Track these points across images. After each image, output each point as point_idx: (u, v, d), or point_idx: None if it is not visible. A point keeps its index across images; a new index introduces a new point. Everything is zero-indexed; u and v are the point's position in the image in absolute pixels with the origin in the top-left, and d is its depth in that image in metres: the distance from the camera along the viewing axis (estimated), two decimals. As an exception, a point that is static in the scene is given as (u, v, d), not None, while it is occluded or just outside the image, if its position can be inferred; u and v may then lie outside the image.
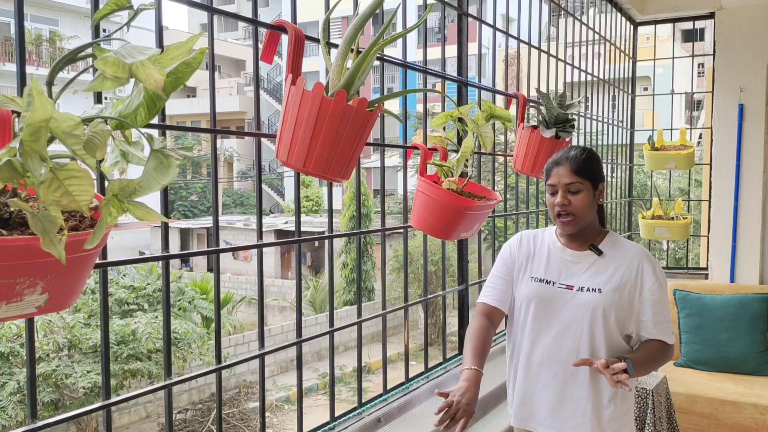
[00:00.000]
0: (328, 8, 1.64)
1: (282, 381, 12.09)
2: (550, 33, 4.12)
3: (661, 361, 1.84)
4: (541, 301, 1.86)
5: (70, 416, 1.32)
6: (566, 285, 1.84)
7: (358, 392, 2.13)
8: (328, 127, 1.29)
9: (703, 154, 4.90)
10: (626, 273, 1.82)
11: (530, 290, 1.88)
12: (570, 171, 1.80)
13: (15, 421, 7.75)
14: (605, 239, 1.89)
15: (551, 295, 1.85)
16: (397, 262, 13.82)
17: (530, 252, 1.93)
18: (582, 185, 1.80)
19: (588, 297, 1.81)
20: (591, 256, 1.85)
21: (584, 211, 1.81)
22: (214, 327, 1.60)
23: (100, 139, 0.81)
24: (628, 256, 1.84)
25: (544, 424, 1.87)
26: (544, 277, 1.88)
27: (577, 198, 1.80)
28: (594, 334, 1.80)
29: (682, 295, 3.84)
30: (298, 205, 1.81)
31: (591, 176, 1.82)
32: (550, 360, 1.85)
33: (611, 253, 1.85)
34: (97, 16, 0.98)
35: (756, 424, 3.21)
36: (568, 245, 1.89)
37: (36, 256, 0.78)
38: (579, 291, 1.82)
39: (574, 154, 1.83)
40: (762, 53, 3.96)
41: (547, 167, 1.88)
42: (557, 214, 1.82)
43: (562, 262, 1.87)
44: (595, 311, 1.79)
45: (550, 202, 1.85)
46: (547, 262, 1.89)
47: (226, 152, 25.05)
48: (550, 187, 1.84)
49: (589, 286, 1.82)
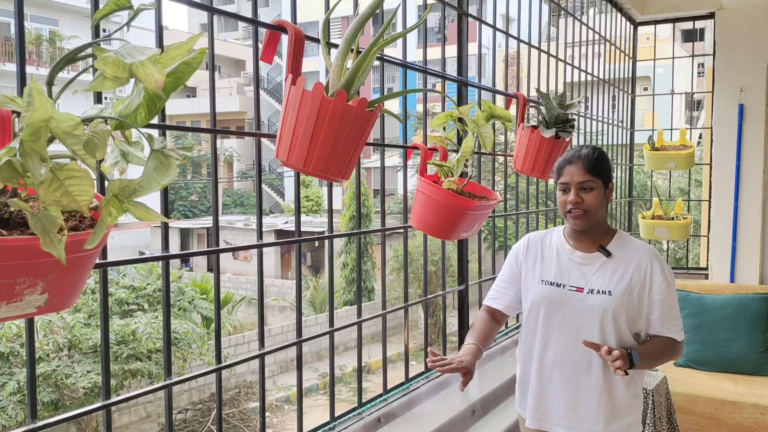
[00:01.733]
0: (328, 8, 1.64)
1: (282, 381, 12.09)
2: (550, 33, 4.12)
3: (670, 355, 1.88)
4: (552, 304, 1.87)
5: (70, 416, 1.32)
6: (576, 287, 1.85)
7: (358, 392, 2.13)
8: (328, 127, 1.29)
9: (703, 154, 4.90)
10: (635, 274, 1.83)
11: (541, 293, 1.90)
12: (583, 169, 1.82)
13: (15, 421, 7.75)
14: (614, 239, 1.90)
15: (562, 298, 1.86)
16: (397, 262, 13.82)
17: (537, 255, 1.95)
18: (594, 183, 1.82)
19: (598, 299, 1.82)
20: (600, 258, 1.86)
21: (596, 209, 1.83)
22: (214, 327, 1.60)
23: (100, 139, 0.81)
24: (636, 257, 1.85)
25: (559, 424, 1.89)
26: (554, 280, 1.89)
27: (589, 196, 1.82)
28: (605, 335, 1.82)
29: (682, 295, 3.83)
30: (298, 205, 1.81)
31: (603, 174, 1.85)
32: (563, 361, 1.87)
33: (620, 253, 1.86)
34: (97, 16, 0.98)
35: (756, 424, 3.21)
36: (577, 247, 1.90)
37: (36, 256, 0.78)
38: (589, 293, 1.84)
39: (586, 152, 1.85)
40: (762, 53, 3.96)
41: (558, 166, 1.89)
42: (569, 210, 1.84)
43: (572, 264, 1.89)
44: (606, 313, 1.81)
45: (562, 200, 1.86)
46: (558, 265, 1.90)
47: (226, 152, 25.05)
48: (562, 185, 1.85)
49: (600, 288, 1.83)
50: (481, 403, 2.49)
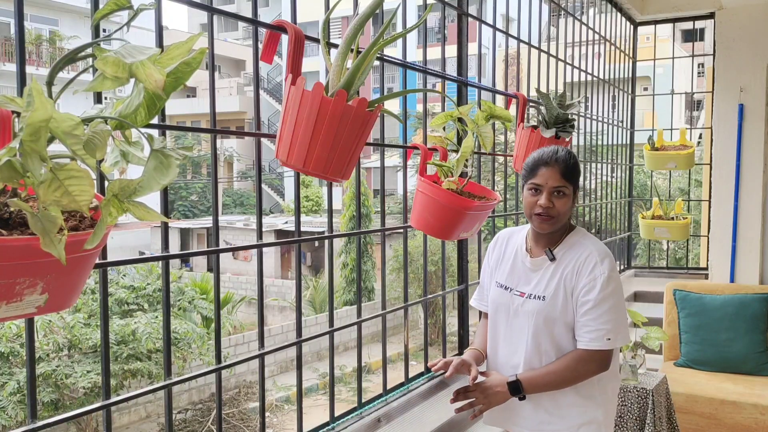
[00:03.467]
0: (328, 8, 1.64)
1: (282, 381, 12.09)
2: (550, 33, 4.12)
3: (575, 373, 1.74)
4: (500, 307, 1.88)
5: (70, 416, 1.32)
6: (520, 292, 1.85)
7: (358, 392, 2.13)
8: (327, 127, 1.29)
9: (703, 154, 4.90)
10: (568, 276, 1.77)
11: (493, 295, 1.92)
12: (559, 174, 1.76)
13: (15, 421, 7.75)
14: (564, 241, 1.83)
15: (507, 302, 1.86)
16: (397, 262, 13.82)
17: (500, 256, 1.95)
18: (567, 189, 1.77)
19: (533, 304, 1.80)
20: (545, 262, 1.82)
21: (563, 215, 1.79)
22: (214, 327, 1.60)
23: (100, 139, 0.81)
24: (575, 257, 1.78)
25: (514, 421, 1.89)
26: (504, 283, 1.89)
27: (561, 201, 1.76)
28: (539, 341, 1.79)
29: (682, 295, 3.83)
30: (298, 205, 1.81)
31: (575, 181, 1.80)
32: (507, 365, 1.87)
33: (565, 256, 1.80)
34: (97, 16, 0.98)
35: (756, 424, 3.21)
36: (531, 252, 1.87)
37: (36, 256, 0.78)
38: (527, 298, 1.82)
39: (563, 156, 1.78)
40: (762, 53, 3.96)
41: (531, 165, 1.80)
42: (537, 213, 1.77)
43: (523, 269, 1.87)
44: (538, 318, 1.78)
45: (530, 201, 1.79)
46: (511, 268, 1.89)
47: (226, 152, 25.04)
48: (534, 185, 1.78)
49: (536, 293, 1.80)
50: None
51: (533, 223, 1.82)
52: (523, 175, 1.84)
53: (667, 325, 3.90)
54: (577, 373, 1.75)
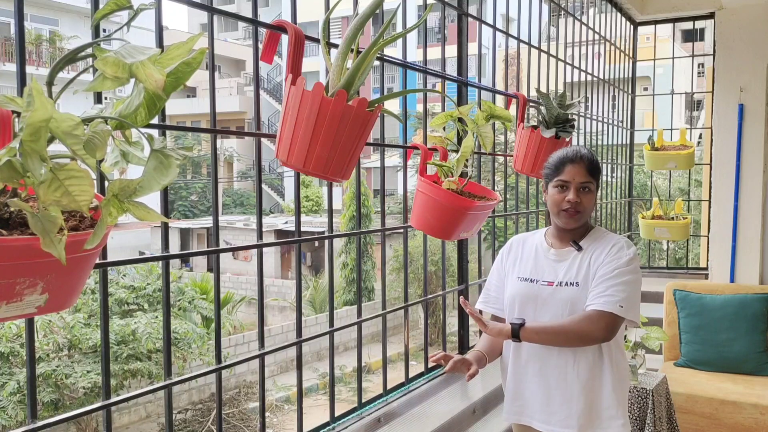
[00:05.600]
0: (328, 8, 1.64)
1: (282, 381, 12.09)
2: (550, 33, 4.12)
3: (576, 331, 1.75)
4: (525, 299, 1.90)
5: (70, 416, 1.32)
6: (548, 282, 1.87)
7: (358, 392, 2.13)
8: (328, 127, 1.29)
9: (703, 154, 4.90)
10: (595, 262, 1.83)
11: (515, 289, 1.93)
12: (585, 170, 1.84)
13: (15, 421, 7.74)
14: (589, 234, 1.91)
15: (534, 292, 1.88)
16: (397, 262, 13.82)
17: (518, 256, 1.98)
18: (592, 185, 1.86)
19: (567, 291, 1.83)
20: (572, 252, 1.88)
21: (589, 210, 1.87)
22: (214, 327, 1.60)
23: (100, 139, 0.81)
24: (601, 246, 1.86)
25: (536, 417, 1.90)
26: (528, 276, 1.92)
27: (587, 197, 1.85)
28: None
29: (682, 295, 3.83)
30: (298, 205, 1.81)
31: (598, 177, 1.89)
32: (536, 356, 1.88)
33: (591, 246, 1.87)
34: (97, 16, 0.98)
35: (756, 424, 3.21)
36: (554, 245, 1.93)
37: (36, 256, 0.78)
38: (558, 286, 1.85)
39: (587, 154, 1.87)
40: (762, 53, 3.96)
41: (557, 163, 1.87)
42: (564, 209, 1.83)
43: (547, 261, 1.91)
44: (574, 305, 1.81)
45: (557, 198, 1.85)
46: (534, 263, 1.93)
47: (226, 152, 25.03)
48: (561, 182, 1.85)
49: (568, 281, 1.84)
50: (482, 403, 2.49)
51: (560, 219, 1.87)
52: (547, 174, 1.91)
53: (667, 325, 3.90)
54: (581, 332, 1.75)
